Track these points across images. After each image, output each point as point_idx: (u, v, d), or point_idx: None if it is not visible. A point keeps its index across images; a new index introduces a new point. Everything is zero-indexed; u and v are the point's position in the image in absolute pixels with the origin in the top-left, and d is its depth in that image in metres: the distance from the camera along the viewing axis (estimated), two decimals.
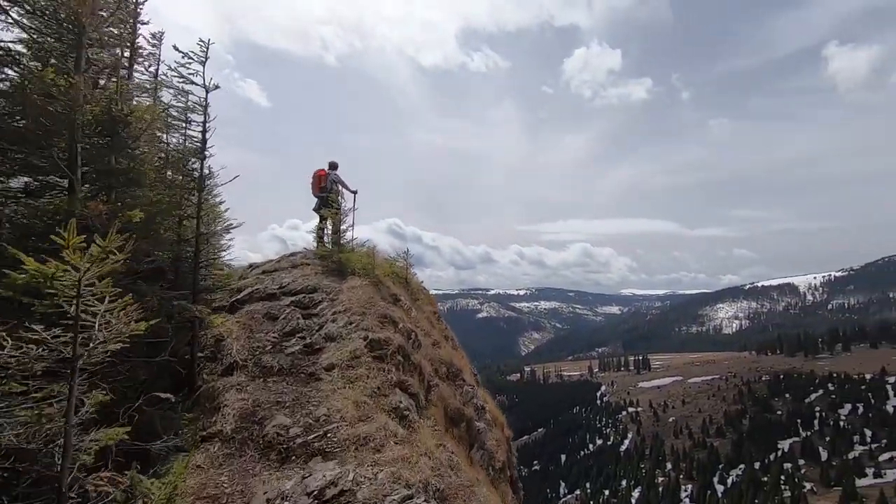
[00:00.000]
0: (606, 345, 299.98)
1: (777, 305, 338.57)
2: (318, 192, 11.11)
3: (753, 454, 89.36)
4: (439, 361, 7.45)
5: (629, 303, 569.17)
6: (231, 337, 6.03)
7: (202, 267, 5.80)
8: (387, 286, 8.30)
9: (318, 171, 11.13)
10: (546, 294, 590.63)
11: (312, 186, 11.17)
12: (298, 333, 6.36)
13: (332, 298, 7.29)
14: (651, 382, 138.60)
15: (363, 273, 8.44)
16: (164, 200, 5.22)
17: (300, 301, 7.16)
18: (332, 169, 11.12)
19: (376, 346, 5.99)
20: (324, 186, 10.96)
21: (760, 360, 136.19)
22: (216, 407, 4.87)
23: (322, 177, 11.00)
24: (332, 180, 10.90)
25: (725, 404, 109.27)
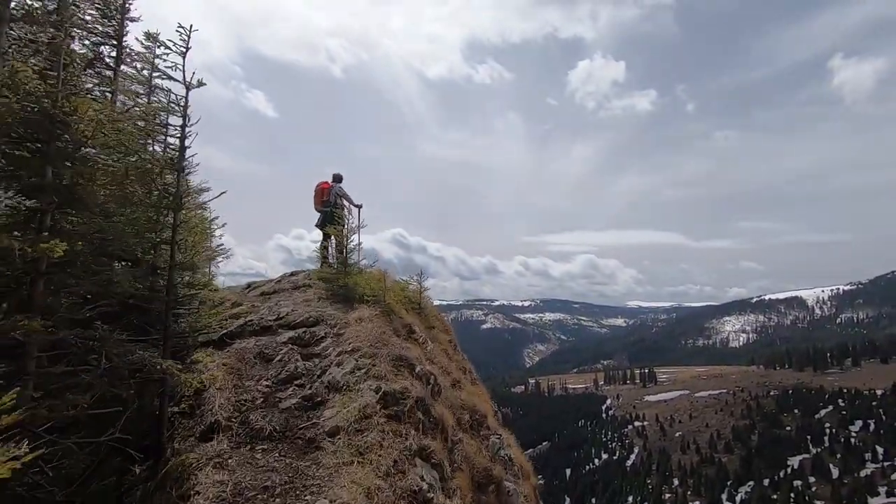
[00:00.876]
0: (612, 357, 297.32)
1: (785, 319, 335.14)
2: (321, 207, 10.41)
3: (762, 471, 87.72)
4: (461, 408, 6.55)
5: (635, 315, 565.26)
6: (214, 386, 4.97)
7: (180, 305, 4.90)
8: (399, 315, 7.55)
9: (320, 184, 10.45)
10: (551, 305, 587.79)
11: (314, 200, 10.49)
12: (297, 380, 5.41)
13: (338, 333, 6.32)
14: (657, 396, 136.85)
15: (373, 300, 7.66)
16: (122, 225, 4.19)
17: (300, 337, 6.22)
18: (336, 181, 10.43)
19: (391, 400, 4.94)
20: (326, 200, 10.26)
21: (769, 375, 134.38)
22: (185, 495, 3.63)
23: (325, 190, 10.33)
24: (336, 194, 10.22)
25: (733, 419, 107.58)
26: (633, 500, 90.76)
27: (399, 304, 8.06)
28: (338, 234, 8.98)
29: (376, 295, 7.78)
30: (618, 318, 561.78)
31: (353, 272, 8.43)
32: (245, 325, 6.57)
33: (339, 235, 8.94)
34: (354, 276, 8.19)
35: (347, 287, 8.01)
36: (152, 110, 5.12)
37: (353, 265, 8.71)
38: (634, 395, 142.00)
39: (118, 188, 4.21)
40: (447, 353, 8.08)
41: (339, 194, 10.25)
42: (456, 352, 8.83)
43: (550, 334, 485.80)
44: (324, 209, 10.34)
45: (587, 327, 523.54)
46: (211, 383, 4.99)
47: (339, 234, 8.92)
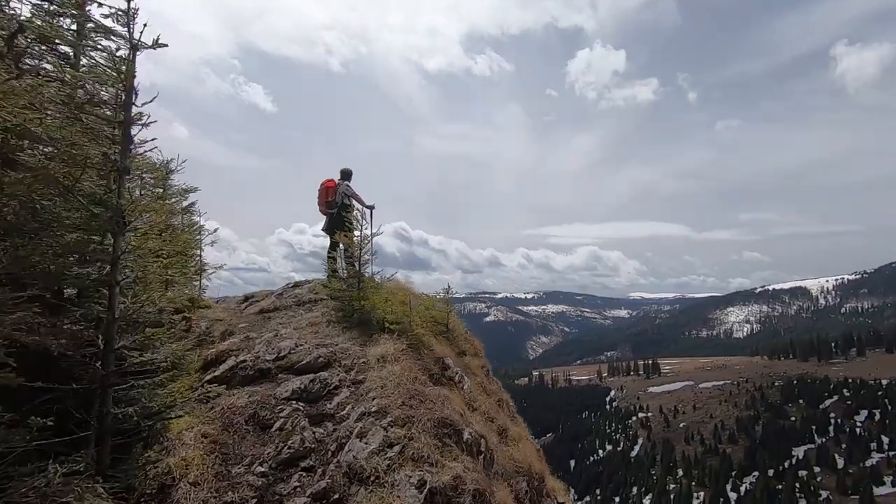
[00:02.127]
0: (615, 349, 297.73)
1: (789, 309, 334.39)
2: (326, 209, 9.05)
3: (767, 461, 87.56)
4: (516, 471, 5.19)
5: (638, 306, 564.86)
6: (187, 479, 3.46)
7: (126, 378, 3.36)
8: (429, 347, 6.34)
9: (325, 182, 9.08)
10: (554, 297, 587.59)
11: (318, 201, 9.15)
12: (303, 461, 3.97)
13: (356, 380, 5.02)
14: (661, 387, 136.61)
15: (395, 327, 6.37)
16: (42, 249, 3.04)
17: (306, 389, 4.77)
18: (345, 178, 9.10)
19: (442, 501, 3.62)
20: (332, 201, 8.92)
21: (773, 365, 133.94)
22: None
23: (329, 189, 8.95)
24: (343, 193, 8.92)
25: (737, 410, 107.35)
26: (638, 490, 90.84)
27: (425, 329, 6.79)
28: (348, 242, 7.65)
29: (400, 322, 6.47)
30: (621, 310, 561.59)
31: (368, 290, 7.14)
32: (236, 369, 5.14)
33: (350, 243, 7.58)
34: (371, 296, 6.95)
35: (363, 310, 6.78)
36: (77, 78, 3.62)
37: (368, 280, 7.38)
38: (638, 387, 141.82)
39: (31, 194, 3.06)
40: (483, 387, 6.94)
41: (346, 194, 8.96)
42: (490, 379, 7.73)
43: (553, 326, 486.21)
44: (330, 211, 9.02)
45: (590, 319, 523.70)
46: (182, 474, 3.48)
47: (349, 241, 7.58)
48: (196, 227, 8.73)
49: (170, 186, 7.48)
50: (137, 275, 3.62)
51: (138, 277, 3.64)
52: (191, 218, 8.61)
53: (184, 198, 8.03)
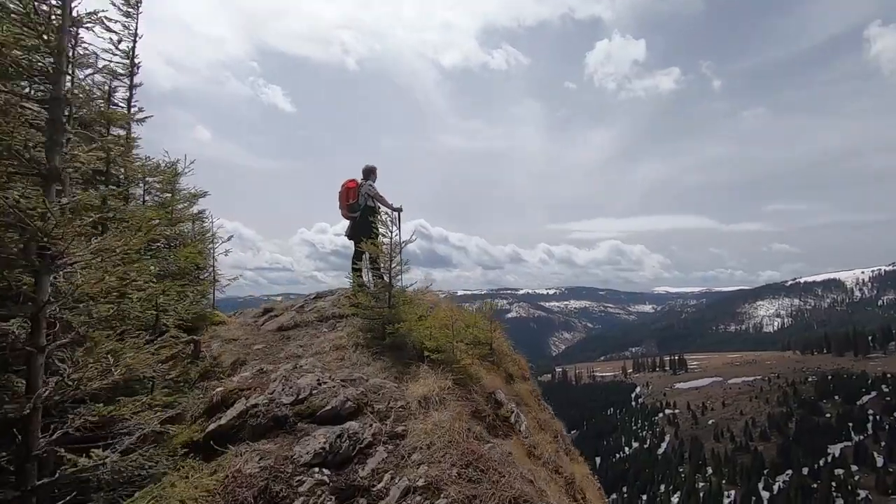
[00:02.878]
0: (640, 344, 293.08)
1: (822, 302, 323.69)
2: (348, 212, 8.26)
3: (801, 459, 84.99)
4: None
5: (663, 301, 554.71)
6: None
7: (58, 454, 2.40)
8: (477, 379, 5.49)
9: (345, 183, 8.31)
10: (576, 293, 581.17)
11: (339, 203, 8.37)
12: None
13: (394, 434, 4.00)
14: (688, 383, 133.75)
15: (437, 356, 5.48)
16: None
17: (332, 449, 3.68)
18: (367, 177, 8.28)
19: None
20: (353, 204, 8.14)
21: (806, 360, 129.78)
22: None
23: (351, 190, 8.20)
24: (366, 194, 8.12)
25: (769, 406, 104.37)
26: (665, 488, 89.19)
27: (470, 355, 5.90)
28: (374, 251, 6.71)
29: (442, 349, 5.55)
30: (645, 305, 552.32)
31: (400, 306, 6.24)
32: (246, 416, 4.11)
33: (377, 252, 6.68)
34: (404, 314, 6.08)
35: (397, 334, 5.90)
36: None
37: (399, 294, 6.45)
38: (664, 383, 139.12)
39: None
40: (538, 420, 6.09)
41: (369, 194, 8.13)
42: (541, 406, 7.06)
43: (576, 322, 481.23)
44: (352, 215, 8.22)
45: (614, 314, 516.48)
46: None
47: (376, 250, 6.65)
48: (208, 235, 8.11)
49: (178, 190, 6.93)
50: (82, 331, 2.48)
51: (80, 340, 2.48)
52: (202, 225, 7.97)
53: (192, 203, 7.43)
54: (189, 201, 7.24)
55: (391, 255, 6.43)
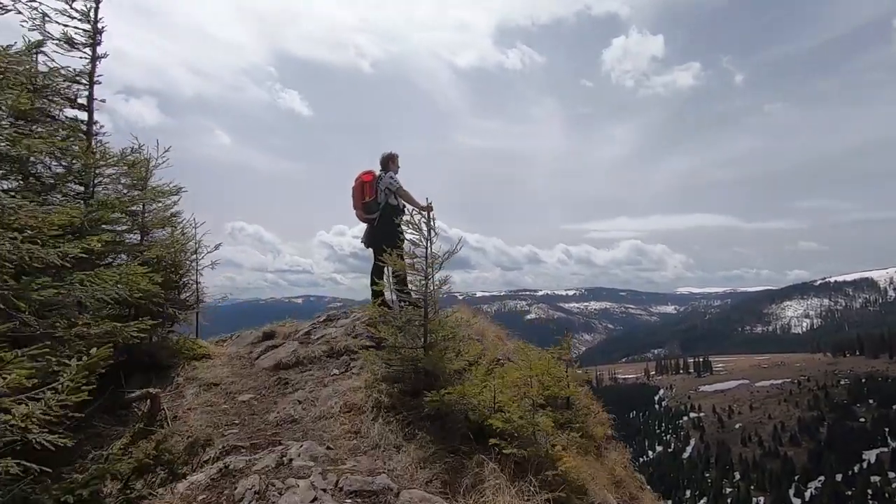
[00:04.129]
0: (663, 346, 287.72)
1: (853, 302, 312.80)
2: (364, 213, 6.74)
3: (834, 465, 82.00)
4: None
5: (686, 302, 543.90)
6: None
7: None
8: (580, 488, 3.80)
9: (360, 176, 6.77)
10: (596, 294, 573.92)
11: (353, 203, 6.84)
12: None
13: None
14: (714, 386, 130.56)
15: (510, 450, 3.56)
16: None
17: None
18: (387, 168, 6.70)
19: None
20: (370, 202, 6.62)
21: (838, 362, 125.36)
22: None
23: (367, 183, 6.68)
24: (387, 189, 6.57)
25: (799, 410, 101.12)
26: (691, 493, 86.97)
27: (558, 436, 4.33)
28: (400, 266, 5.07)
29: (518, 429, 3.76)
30: (668, 306, 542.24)
31: (439, 345, 4.66)
32: None
33: (403, 267, 5.08)
34: (450, 363, 4.56)
35: (442, 402, 4.03)
36: None
37: (439, 327, 4.69)
38: (689, 385, 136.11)
39: None
40: None
41: (391, 189, 6.53)
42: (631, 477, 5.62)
43: (596, 323, 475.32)
44: (369, 217, 6.68)
45: (635, 315, 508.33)
46: None
47: (402, 265, 5.05)
48: (191, 242, 6.65)
49: (152, 188, 5.70)
50: None
51: None
52: (182, 231, 6.44)
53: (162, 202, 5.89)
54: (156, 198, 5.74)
55: (426, 270, 4.58)
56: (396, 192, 6.55)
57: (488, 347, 6.00)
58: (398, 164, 6.77)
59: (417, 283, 4.86)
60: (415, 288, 4.94)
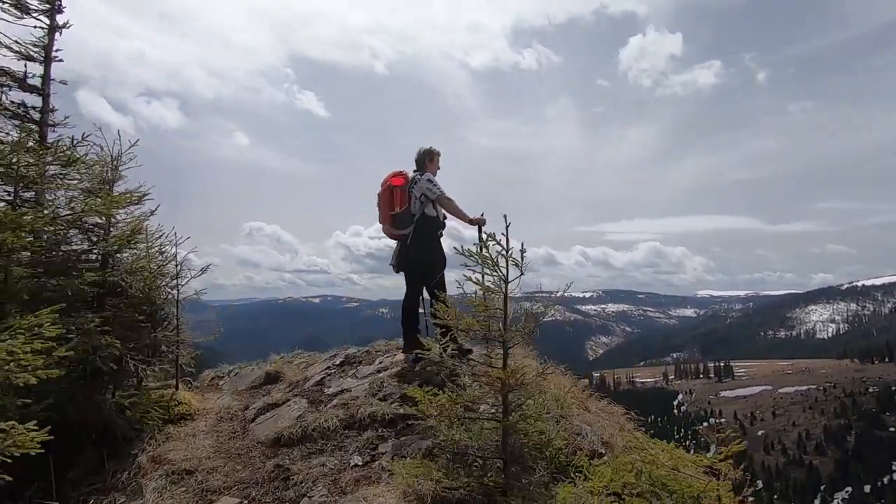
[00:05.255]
0: (682, 350, 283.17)
1: (882, 307, 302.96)
2: (392, 228, 5.27)
3: (862, 475, 79.34)
4: None
5: (706, 305, 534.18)
6: None
7: None
8: None
9: (388, 179, 5.29)
10: (614, 296, 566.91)
11: (381, 215, 5.35)
12: None
13: None
14: (735, 392, 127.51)
15: None
16: None
17: None
18: (422, 168, 5.27)
19: None
20: (401, 213, 5.14)
21: (866, 369, 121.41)
22: None
23: (398, 188, 5.19)
24: (423, 196, 5.10)
25: (825, 418, 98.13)
26: None
27: None
28: (450, 317, 3.44)
29: None
30: (687, 309, 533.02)
31: (523, 427, 3.15)
32: None
33: (455, 316, 3.44)
34: None
35: None
36: None
37: (520, 398, 3.24)
38: (709, 391, 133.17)
39: None
40: None
41: (428, 196, 5.09)
42: None
43: (614, 326, 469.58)
44: (400, 233, 5.24)
45: (654, 318, 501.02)
46: None
47: (452, 314, 3.44)
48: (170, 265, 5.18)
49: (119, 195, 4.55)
50: None
51: None
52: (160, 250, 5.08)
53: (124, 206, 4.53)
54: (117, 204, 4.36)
55: (504, 312, 3.08)
56: (437, 199, 5.08)
57: (573, 422, 4.00)
58: (438, 164, 5.35)
59: (481, 327, 3.17)
60: (481, 333, 3.36)
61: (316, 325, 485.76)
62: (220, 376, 6.45)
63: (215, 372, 6.60)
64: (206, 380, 6.33)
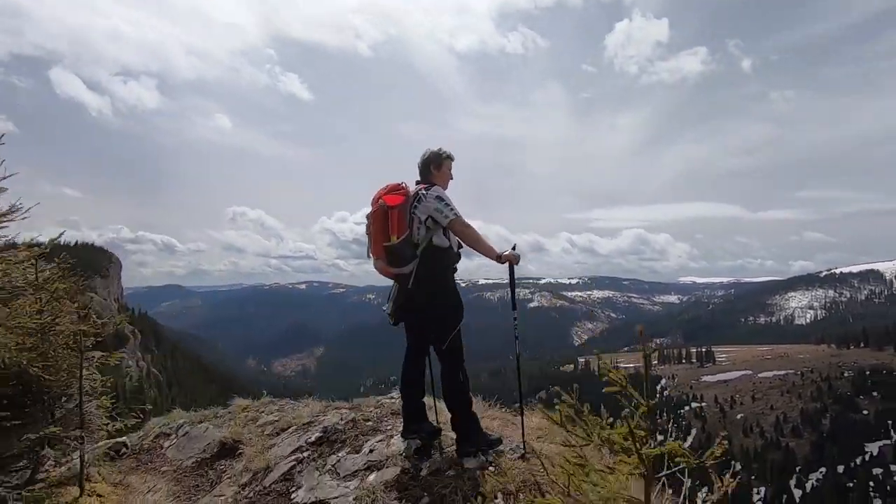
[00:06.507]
0: (665, 335, 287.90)
1: (859, 294, 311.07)
2: (389, 265, 3.69)
3: (836, 457, 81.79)
4: None
5: (689, 291, 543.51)
6: None
7: None
8: None
9: (382, 196, 3.67)
10: (599, 283, 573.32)
11: (369, 243, 3.82)
12: None
13: None
14: (716, 376, 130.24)
15: None
16: None
17: None
18: (427, 178, 3.81)
19: None
20: (399, 246, 3.54)
21: (842, 354, 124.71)
22: None
23: (395, 210, 3.57)
24: (430, 220, 3.60)
25: (802, 402, 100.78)
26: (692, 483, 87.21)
27: None
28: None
29: None
30: (670, 295, 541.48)
31: None
32: None
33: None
34: None
35: None
36: None
37: None
38: (691, 375, 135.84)
39: None
40: None
41: (438, 220, 3.59)
42: None
43: (599, 312, 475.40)
44: (398, 272, 3.69)
45: (638, 305, 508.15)
46: None
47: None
48: (66, 320, 3.67)
49: None
50: None
51: None
52: (54, 296, 3.53)
53: None
54: None
55: None
56: (450, 226, 3.56)
57: None
58: (450, 174, 3.87)
59: None
60: None
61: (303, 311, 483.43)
62: (167, 433, 5.00)
63: (161, 427, 5.16)
64: (150, 436, 4.99)
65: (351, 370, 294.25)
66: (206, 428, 4.85)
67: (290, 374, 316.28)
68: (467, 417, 3.60)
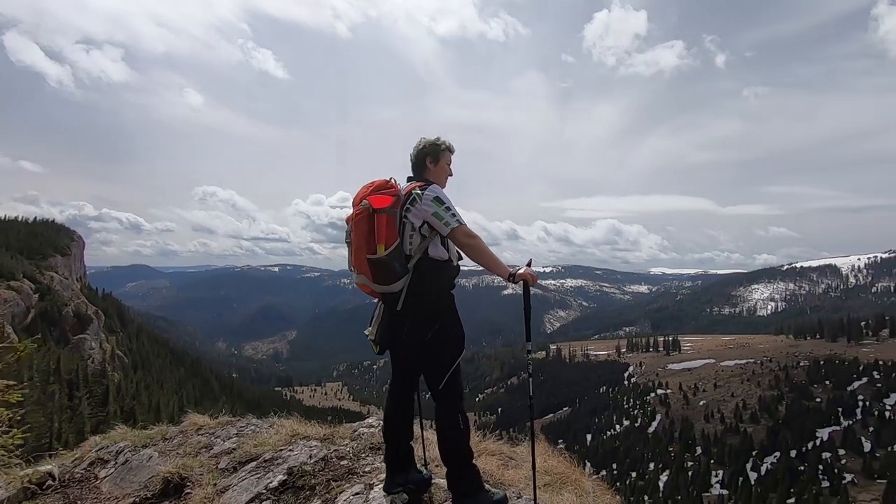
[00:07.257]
0: (634, 324, 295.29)
1: (817, 287, 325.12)
2: (376, 282, 2.75)
3: (790, 442, 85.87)
4: None
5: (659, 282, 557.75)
6: None
7: None
8: None
9: (364, 194, 2.76)
10: (573, 272, 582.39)
11: (349, 248, 2.86)
12: None
13: None
14: (681, 364, 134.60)
15: None
16: None
17: None
18: (421, 175, 2.97)
19: None
20: (386, 257, 2.63)
21: (799, 345, 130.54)
22: None
23: (381, 214, 2.65)
24: (425, 226, 2.77)
25: (760, 389, 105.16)
26: (655, 466, 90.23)
27: None
28: None
29: None
30: (641, 285, 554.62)
31: None
32: None
33: None
34: None
35: None
36: None
37: None
38: (657, 363, 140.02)
39: None
40: None
41: (436, 228, 2.76)
42: None
43: (572, 300, 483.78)
44: (383, 289, 2.79)
45: (609, 294, 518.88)
46: None
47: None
48: None
49: None
50: None
51: None
52: None
53: None
54: None
55: None
56: (451, 235, 2.78)
57: None
58: (449, 169, 3.10)
59: None
60: None
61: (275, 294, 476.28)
62: (104, 459, 4.15)
63: (98, 450, 4.31)
64: (85, 461, 4.20)
65: (324, 354, 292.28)
66: (150, 456, 3.94)
67: (261, 356, 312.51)
68: (466, 473, 2.85)
